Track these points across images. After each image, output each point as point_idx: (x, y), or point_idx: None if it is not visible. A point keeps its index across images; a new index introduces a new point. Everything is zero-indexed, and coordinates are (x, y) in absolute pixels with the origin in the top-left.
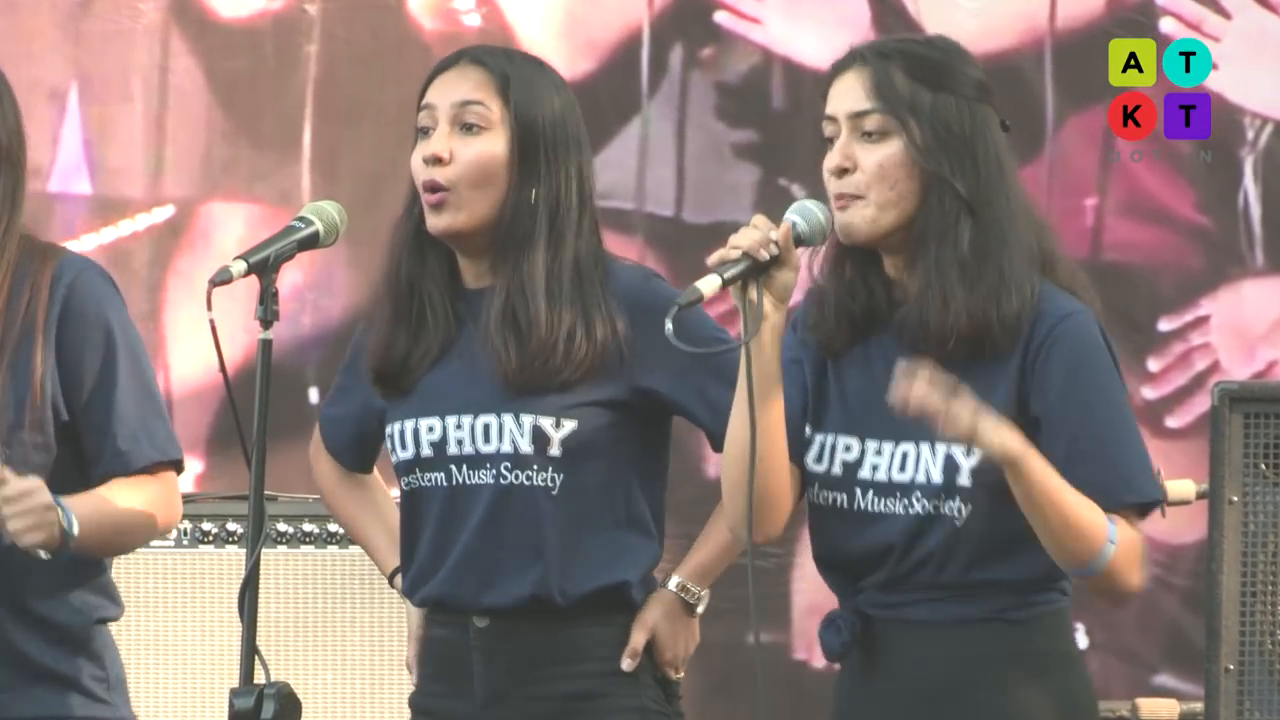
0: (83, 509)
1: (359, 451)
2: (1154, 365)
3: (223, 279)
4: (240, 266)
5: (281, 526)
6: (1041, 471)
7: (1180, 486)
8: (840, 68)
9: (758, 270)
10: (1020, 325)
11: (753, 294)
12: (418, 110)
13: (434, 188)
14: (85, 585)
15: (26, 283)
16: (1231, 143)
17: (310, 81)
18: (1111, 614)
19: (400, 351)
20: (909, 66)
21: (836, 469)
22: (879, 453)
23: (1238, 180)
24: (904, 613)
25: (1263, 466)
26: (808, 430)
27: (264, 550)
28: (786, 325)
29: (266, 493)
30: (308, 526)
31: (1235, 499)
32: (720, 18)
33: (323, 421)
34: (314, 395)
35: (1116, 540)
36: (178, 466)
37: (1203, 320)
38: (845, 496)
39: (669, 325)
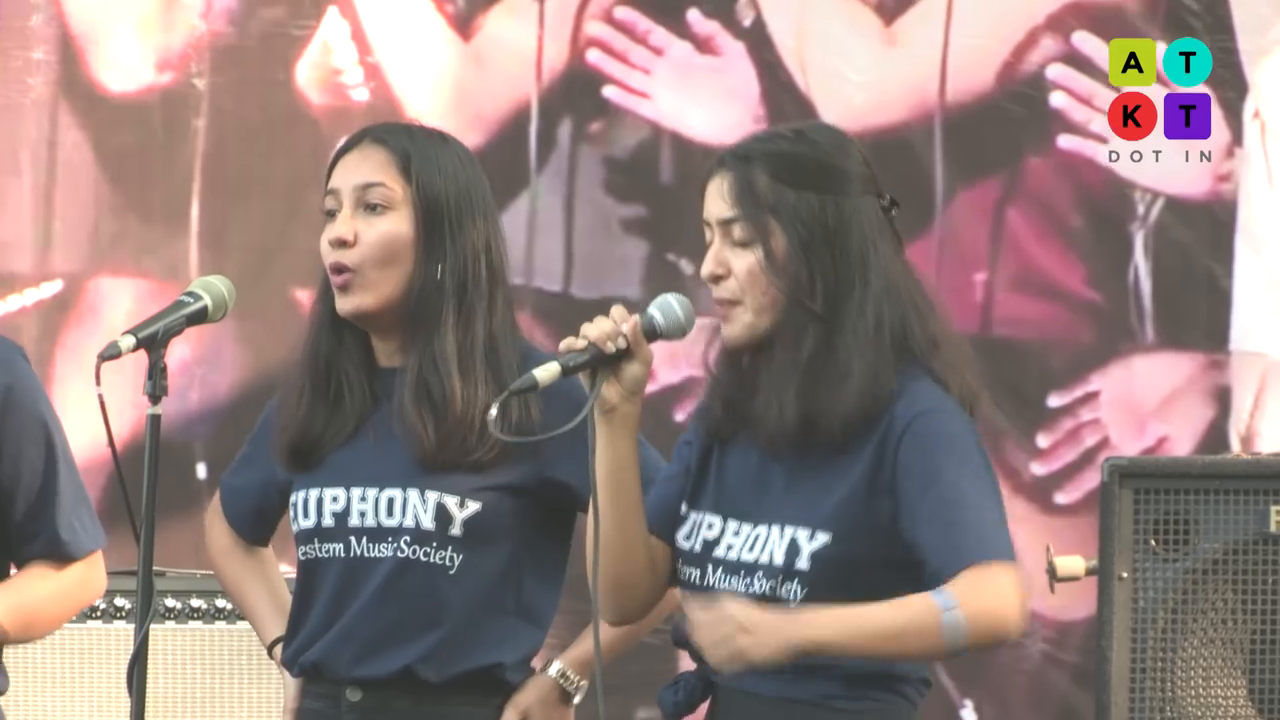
0: (8, 602)
1: (257, 524)
2: (1043, 441)
3: (111, 354)
4: (129, 341)
5: (169, 602)
6: (834, 626)
7: (1070, 563)
8: (709, 173)
9: (605, 361)
10: (858, 420)
11: (605, 386)
12: (324, 193)
13: (339, 269)
14: None
15: None
16: (1122, 217)
17: (199, 155)
18: (1001, 690)
19: (317, 429)
20: (772, 167)
21: (697, 546)
22: (737, 533)
23: (1128, 255)
24: (744, 682)
25: (1153, 543)
26: (683, 509)
27: (152, 626)
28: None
29: (155, 568)
30: (195, 602)
31: (1125, 575)
32: (609, 92)
33: (223, 489)
34: (202, 470)
35: (957, 599)
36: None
37: (1093, 395)
38: (698, 573)
39: (493, 411)
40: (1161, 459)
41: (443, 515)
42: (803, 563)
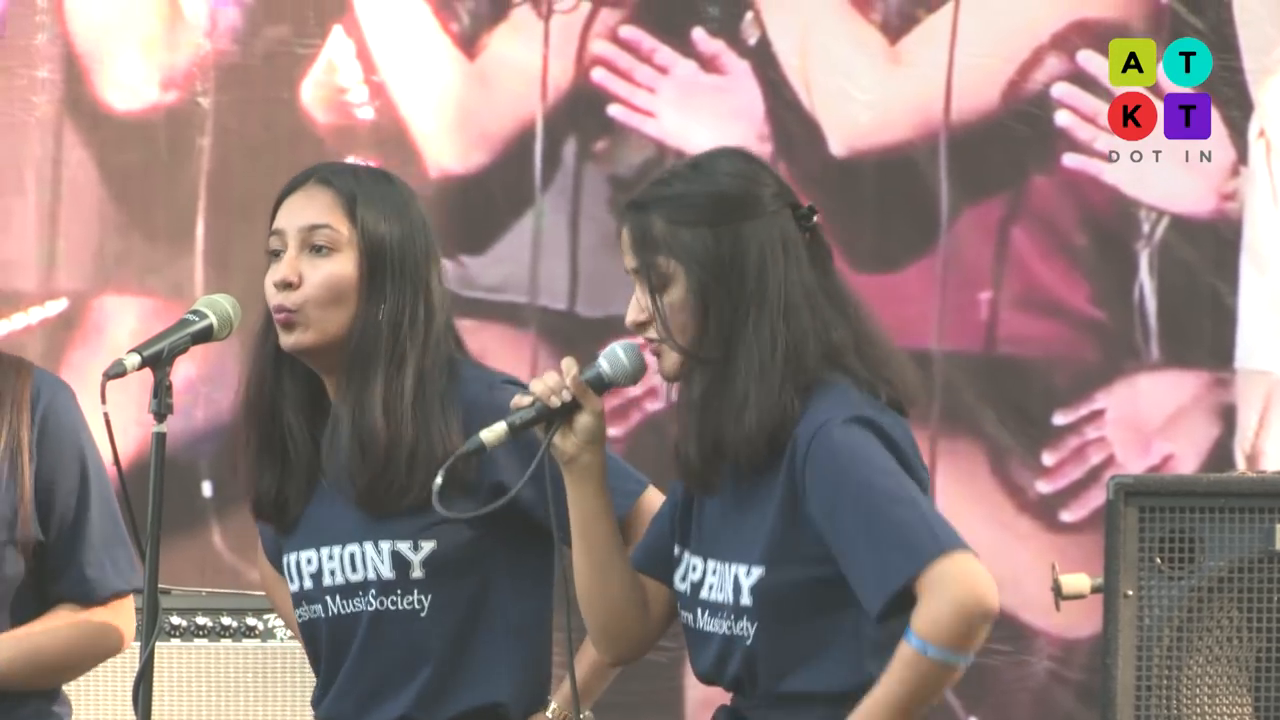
0: (12, 652)
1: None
2: (1049, 459)
3: (116, 372)
4: (134, 360)
5: (175, 620)
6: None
7: (1075, 581)
8: (618, 225)
9: (555, 415)
10: (771, 446)
11: (560, 438)
12: (268, 234)
13: (281, 309)
14: None
15: (6, 399)
16: (1127, 236)
17: (203, 174)
18: (1006, 708)
19: (269, 488)
20: (666, 210)
21: (687, 589)
22: (714, 573)
23: (1133, 273)
24: (762, 714)
25: (1158, 560)
26: (677, 550)
27: (158, 644)
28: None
29: (160, 586)
30: (201, 620)
31: (1130, 593)
32: (614, 110)
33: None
34: (207, 488)
35: (924, 637)
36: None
37: (1098, 414)
38: (691, 616)
39: (438, 481)
40: (1166, 477)
41: (400, 562)
42: (745, 599)
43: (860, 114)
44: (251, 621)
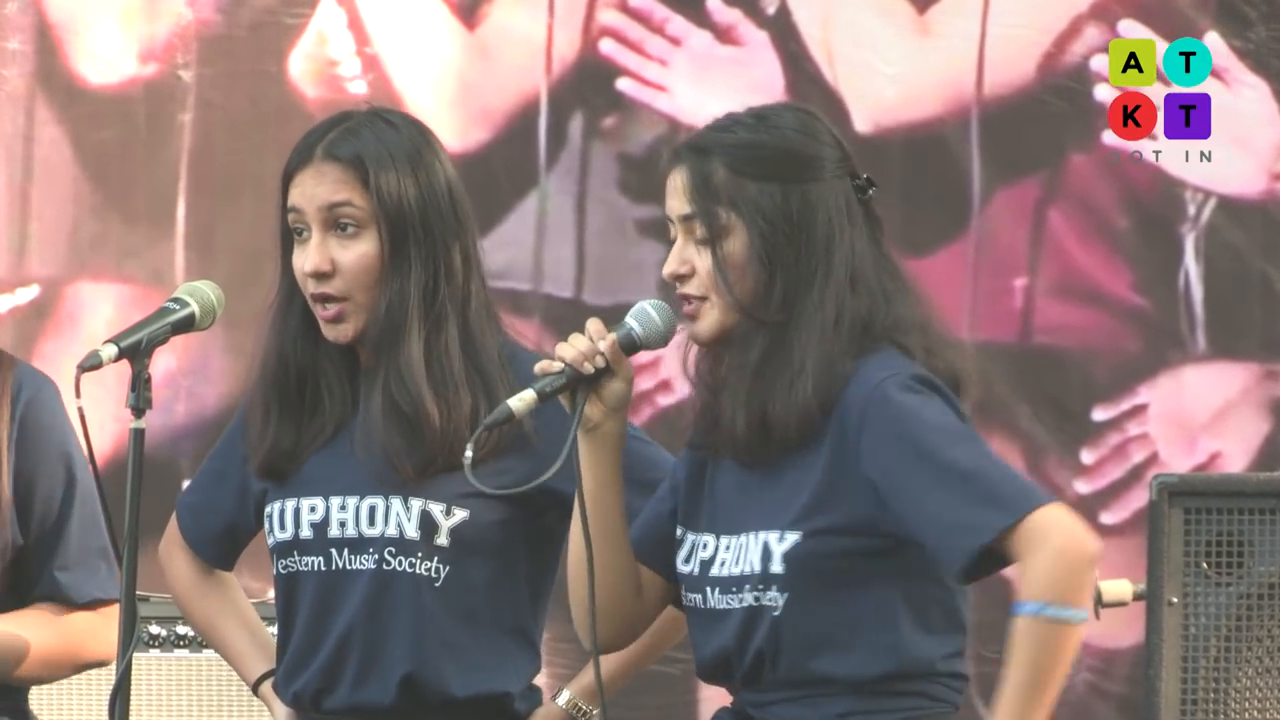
0: None
1: (227, 544)
2: (1088, 457)
3: (92, 364)
4: (110, 351)
5: (154, 629)
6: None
7: (1116, 587)
8: (666, 166)
9: (585, 382)
10: (811, 415)
11: (586, 406)
12: (282, 209)
13: (326, 299)
14: None
15: None
16: (1171, 218)
17: (185, 152)
18: None
19: (288, 444)
20: (730, 159)
21: (695, 569)
22: (727, 548)
23: (1178, 258)
24: (771, 711)
25: (1204, 565)
26: (679, 531)
27: (135, 654)
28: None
29: (138, 593)
30: (181, 629)
31: (1175, 600)
32: (623, 84)
33: (182, 510)
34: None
35: (1040, 598)
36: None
37: (1140, 409)
38: (700, 597)
39: (469, 454)
40: (1214, 476)
41: (428, 523)
42: (776, 566)
43: (886, 88)
44: None
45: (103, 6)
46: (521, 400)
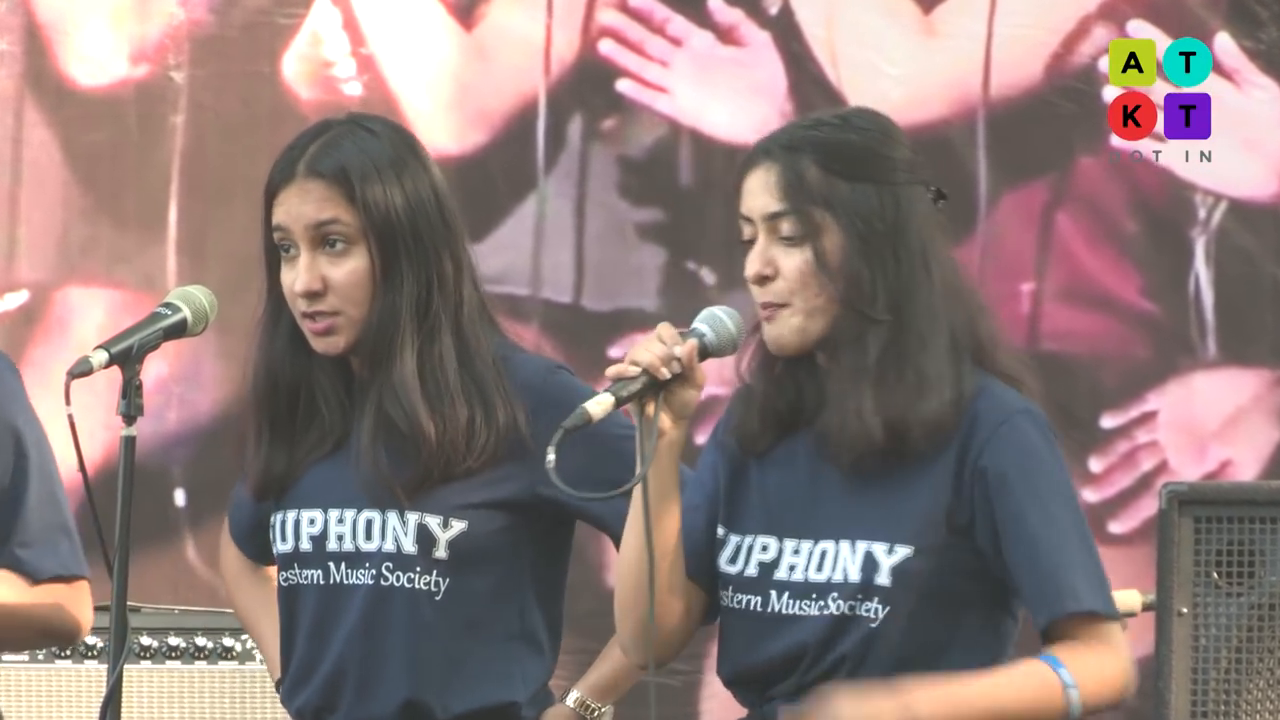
0: None
1: (260, 540)
2: (1096, 465)
3: (82, 371)
4: (101, 357)
5: (145, 640)
6: (951, 706)
7: (1125, 597)
8: (749, 164)
9: (657, 388)
10: (943, 426)
11: (651, 412)
12: (267, 226)
13: (316, 317)
14: None
15: None
16: (1181, 222)
17: (176, 155)
18: None
19: (280, 468)
20: (822, 158)
21: (752, 570)
22: (796, 552)
23: (1188, 263)
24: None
25: (1215, 575)
26: (721, 532)
27: (126, 666)
28: (711, 439)
29: (129, 603)
30: (173, 640)
31: (1185, 611)
32: (623, 86)
33: (231, 502)
34: (180, 497)
35: (1074, 679)
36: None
37: (1149, 416)
38: (759, 599)
39: (550, 456)
40: (1224, 485)
41: (425, 537)
42: (883, 578)
43: (891, 90)
44: (228, 642)
45: (93, 7)
46: (599, 404)
